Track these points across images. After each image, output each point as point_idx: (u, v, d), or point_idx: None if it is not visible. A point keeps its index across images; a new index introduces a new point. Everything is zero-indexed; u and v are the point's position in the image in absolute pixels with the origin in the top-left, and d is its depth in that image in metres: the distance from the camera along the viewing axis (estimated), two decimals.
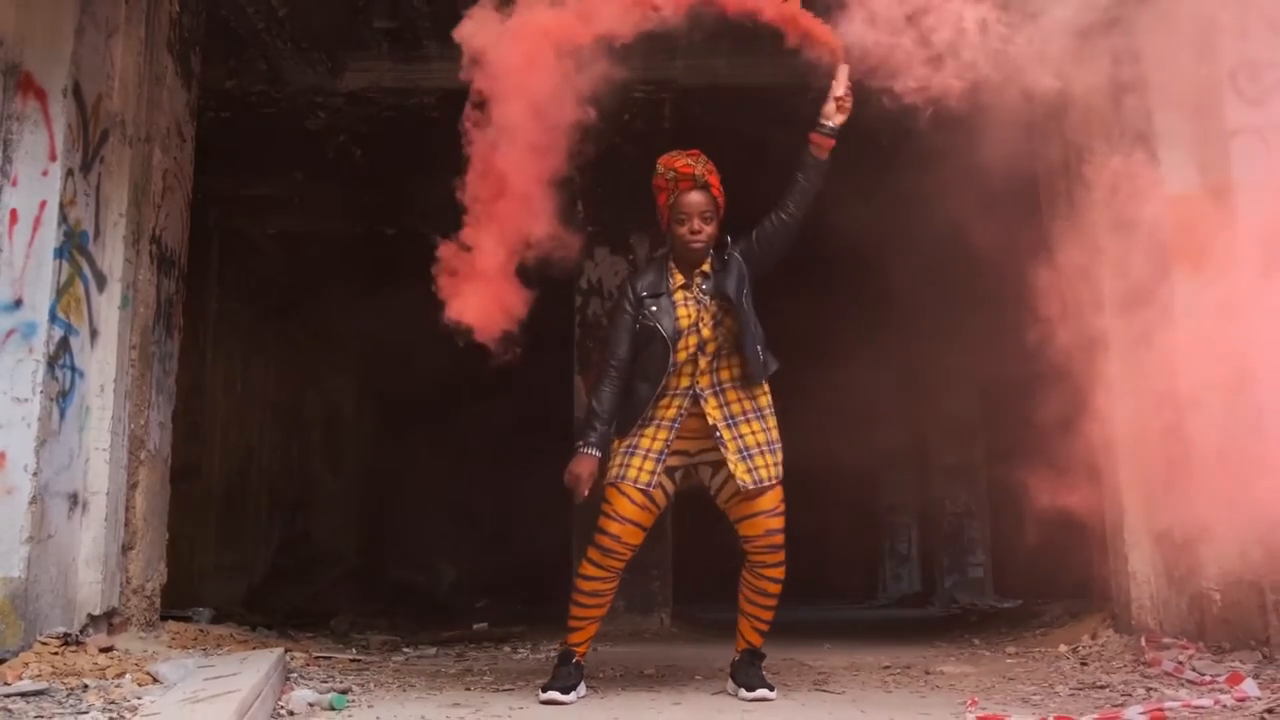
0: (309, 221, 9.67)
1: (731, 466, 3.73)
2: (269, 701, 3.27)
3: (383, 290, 11.53)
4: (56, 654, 3.89)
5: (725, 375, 3.83)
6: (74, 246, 4.30)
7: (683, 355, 3.80)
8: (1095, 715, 3.15)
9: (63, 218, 4.20)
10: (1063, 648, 4.95)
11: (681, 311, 3.84)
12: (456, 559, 12.30)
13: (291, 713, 3.34)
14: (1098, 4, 3.73)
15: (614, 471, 3.78)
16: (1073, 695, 3.66)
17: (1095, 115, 4.83)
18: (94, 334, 4.46)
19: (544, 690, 3.66)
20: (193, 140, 5.37)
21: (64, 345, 4.23)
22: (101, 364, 4.48)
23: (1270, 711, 3.05)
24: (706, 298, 3.84)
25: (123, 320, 4.58)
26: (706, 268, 3.88)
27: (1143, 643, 4.45)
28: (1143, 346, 4.70)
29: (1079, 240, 4.94)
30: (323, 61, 7.00)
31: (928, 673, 4.44)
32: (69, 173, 4.24)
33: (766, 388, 3.87)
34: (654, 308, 3.85)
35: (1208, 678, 3.67)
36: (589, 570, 3.77)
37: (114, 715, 3.16)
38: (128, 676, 3.75)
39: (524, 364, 4.04)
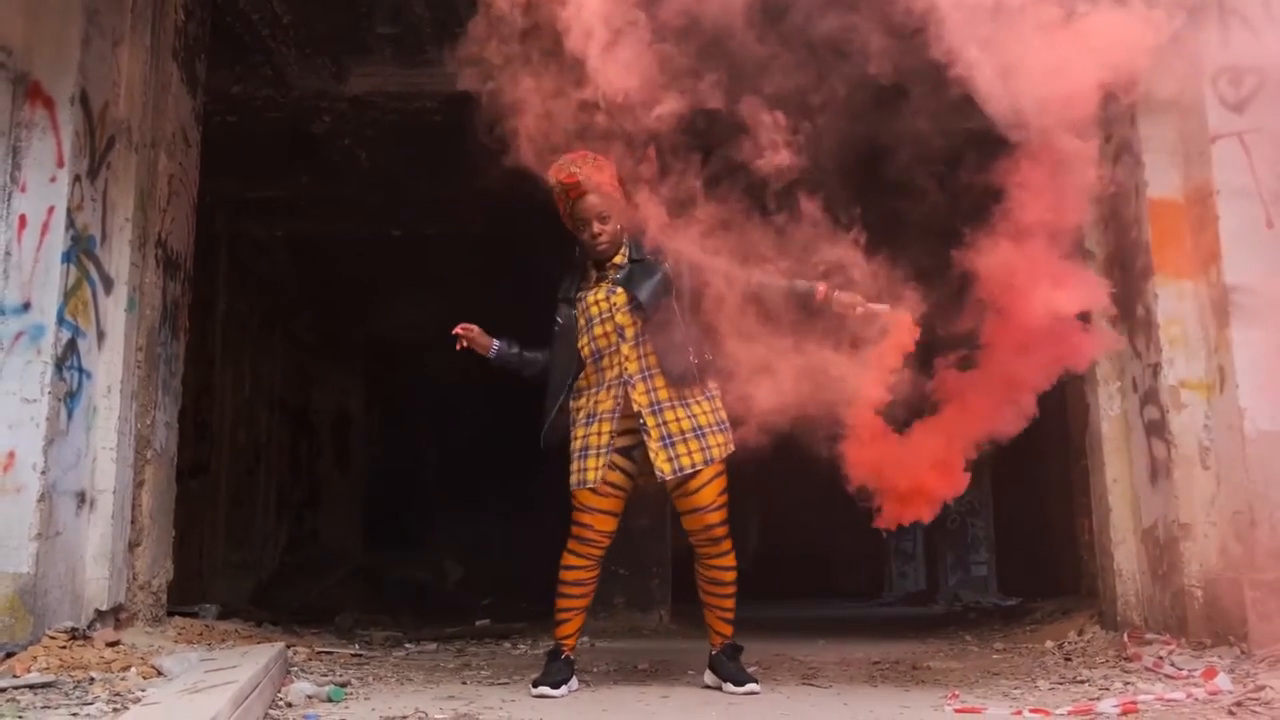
0: (315, 224, 9.77)
1: (652, 456, 3.80)
2: (267, 693, 3.37)
3: (388, 291, 11.65)
4: (64, 648, 3.98)
5: (654, 360, 3.87)
6: (81, 250, 4.40)
7: (603, 342, 3.91)
8: (1070, 708, 3.23)
9: (70, 222, 4.29)
10: (1049, 643, 5.04)
11: (592, 298, 3.97)
12: (463, 557, 12.39)
13: (290, 704, 3.43)
14: None
15: (574, 478, 3.90)
16: (1052, 689, 3.74)
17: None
18: (101, 336, 4.56)
19: (535, 685, 3.78)
20: (198, 145, 5.47)
21: (71, 347, 4.32)
22: (108, 365, 4.57)
23: (1239, 705, 3.12)
24: (618, 288, 3.94)
25: (129, 323, 4.68)
26: (621, 259, 3.99)
27: (1125, 638, 4.53)
28: (1127, 348, 4.79)
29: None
30: (327, 66, 7.07)
31: (915, 668, 4.52)
32: (76, 178, 4.34)
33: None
34: (572, 294, 4.05)
35: (1184, 672, 3.74)
36: (571, 560, 3.92)
37: (117, 706, 3.24)
38: (133, 669, 3.84)
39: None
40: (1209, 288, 4.40)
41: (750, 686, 3.80)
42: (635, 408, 3.84)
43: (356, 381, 13.19)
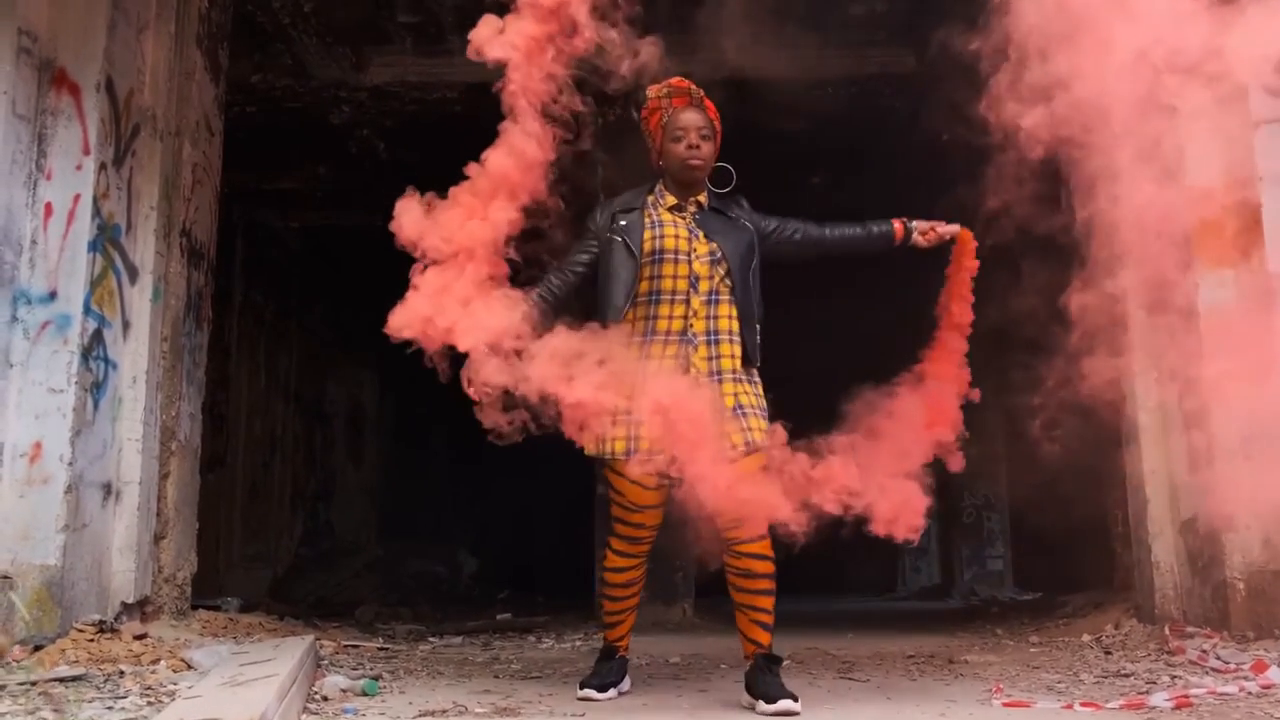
0: (332, 215, 9.73)
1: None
2: (304, 686, 3.32)
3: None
4: (92, 641, 3.94)
5: (724, 325, 3.40)
6: (107, 239, 4.35)
7: (668, 285, 3.39)
8: (1121, 702, 3.17)
9: (96, 211, 4.25)
10: (1086, 637, 4.97)
11: (669, 231, 3.43)
12: (477, 550, 12.36)
13: (325, 698, 3.38)
14: None
15: (606, 446, 3.29)
16: (1097, 683, 3.68)
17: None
18: (126, 326, 4.51)
19: (581, 685, 3.47)
20: (221, 134, 5.42)
21: (97, 337, 4.28)
22: (134, 355, 4.53)
23: None
24: (700, 231, 3.45)
25: (154, 312, 4.64)
26: (703, 199, 3.52)
27: (1166, 632, 4.47)
28: (1166, 337, 4.71)
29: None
30: (347, 56, 7.03)
31: (951, 661, 4.46)
32: (102, 166, 4.29)
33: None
34: (624, 222, 3.45)
35: (1232, 666, 3.68)
36: (617, 561, 3.51)
37: (151, 700, 3.20)
38: (162, 663, 3.80)
39: None
40: (1251, 275, 4.33)
41: (783, 704, 3.12)
42: (692, 373, 3.31)
43: (371, 374, 13.16)
